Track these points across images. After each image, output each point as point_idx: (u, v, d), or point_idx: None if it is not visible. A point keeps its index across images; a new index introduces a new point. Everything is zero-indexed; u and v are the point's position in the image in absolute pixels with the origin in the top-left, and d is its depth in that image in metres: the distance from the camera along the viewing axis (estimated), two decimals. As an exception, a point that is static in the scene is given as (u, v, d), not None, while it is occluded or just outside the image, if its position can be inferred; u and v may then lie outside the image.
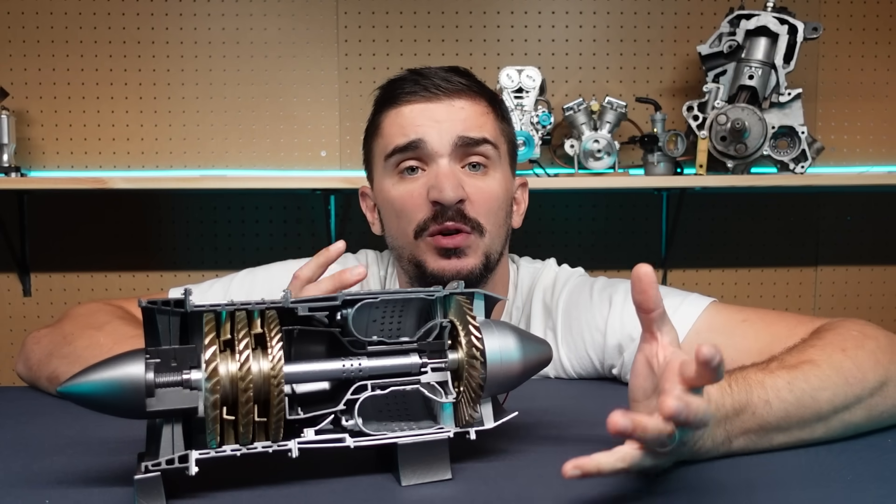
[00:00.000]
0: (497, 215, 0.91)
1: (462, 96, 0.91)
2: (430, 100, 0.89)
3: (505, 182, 0.93)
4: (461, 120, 0.89)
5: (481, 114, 0.91)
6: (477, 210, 0.88)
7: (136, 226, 1.94)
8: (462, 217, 0.87)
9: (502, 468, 0.56)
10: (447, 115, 0.89)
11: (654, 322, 0.54)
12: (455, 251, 0.87)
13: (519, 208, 1.00)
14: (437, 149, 0.88)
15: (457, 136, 0.88)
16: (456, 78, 0.91)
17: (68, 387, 0.50)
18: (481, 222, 0.88)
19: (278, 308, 0.53)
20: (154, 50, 1.90)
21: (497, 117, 0.94)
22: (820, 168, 1.90)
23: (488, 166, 0.91)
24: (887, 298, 2.07)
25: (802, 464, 0.56)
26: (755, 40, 1.71)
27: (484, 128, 0.90)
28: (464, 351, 0.55)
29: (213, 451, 0.49)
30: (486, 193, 0.89)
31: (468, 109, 0.90)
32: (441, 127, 0.88)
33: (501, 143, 0.93)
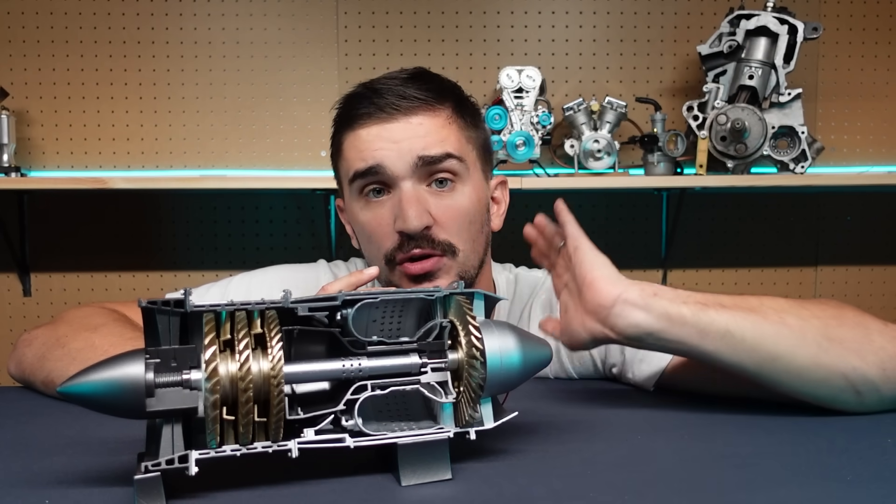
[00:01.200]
0: (469, 230, 0.88)
1: (419, 111, 0.85)
2: (385, 120, 0.85)
3: (476, 192, 0.89)
4: (420, 137, 0.84)
5: (441, 126, 0.86)
6: (447, 231, 0.85)
7: (136, 226, 1.94)
8: (429, 242, 0.84)
9: (502, 468, 0.56)
10: (404, 133, 0.84)
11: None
12: (427, 276, 0.85)
13: (499, 209, 0.97)
14: (397, 172, 0.84)
15: (416, 156, 0.84)
16: (412, 91, 0.86)
17: (68, 387, 0.50)
18: (452, 242, 0.85)
19: (278, 308, 0.53)
20: (154, 50, 1.90)
21: (462, 125, 0.89)
22: (820, 168, 1.91)
23: (455, 181, 0.87)
24: (887, 298, 2.07)
25: (802, 464, 0.56)
26: (755, 40, 1.72)
27: (446, 141, 0.86)
28: (464, 351, 0.55)
29: (213, 451, 0.49)
30: (454, 211, 0.86)
31: (426, 125, 0.85)
32: (400, 147, 0.84)
33: (469, 152, 0.89)
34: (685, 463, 0.56)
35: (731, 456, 0.58)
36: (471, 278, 0.89)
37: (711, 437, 0.63)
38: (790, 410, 0.69)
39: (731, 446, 0.60)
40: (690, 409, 0.72)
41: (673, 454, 0.58)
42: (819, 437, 0.62)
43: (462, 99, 0.92)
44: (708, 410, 0.71)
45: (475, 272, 0.90)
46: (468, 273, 0.88)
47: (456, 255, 0.86)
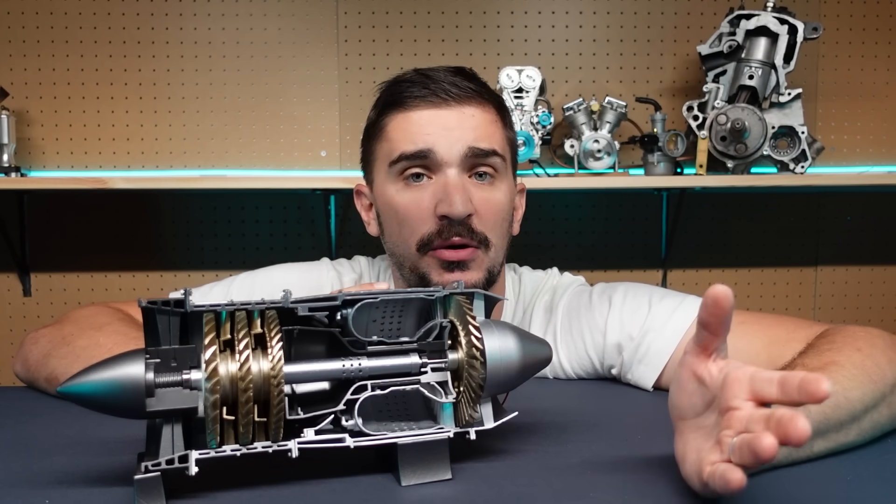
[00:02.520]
0: (502, 227, 0.89)
1: (472, 103, 0.87)
2: (439, 106, 0.86)
3: (509, 192, 0.91)
4: (472, 129, 0.86)
5: (491, 122, 0.88)
6: (484, 223, 0.86)
7: (136, 226, 1.94)
8: (469, 232, 0.85)
9: (502, 468, 0.56)
10: (458, 122, 0.85)
11: (712, 343, 0.50)
12: (459, 264, 0.85)
13: (517, 214, 0.98)
14: (446, 158, 0.85)
15: (467, 146, 0.85)
16: (465, 83, 0.88)
17: (68, 387, 0.50)
18: (488, 236, 0.86)
19: (278, 308, 0.53)
20: (154, 50, 1.90)
21: (504, 125, 0.92)
22: (820, 168, 1.90)
23: (495, 177, 0.88)
24: (887, 298, 2.07)
25: (803, 464, 0.56)
26: (755, 40, 1.72)
27: (493, 138, 0.88)
28: (464, 351, 0.55)
29: (213, 451, 0.49)
30: (493, 206, 0.87)
31: (479, 118, 0.87)
32: (451, 135, 0.85)
33: (507, 153, 0.91)
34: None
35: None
36: (495, 276, 0.89)
37: (711, 437, 0.63)
38: (790, 410, 0.69)
39: (731, 446, 0.60)
40: (690, 409, 0.72)
41: (673, 454, 0.58)
42: (819, 437, 0.62)
43: (502, 101, 0.94)
44: (708, 410, 0.71)
45: (498, 271, 0.90)
46: (495, 269, 0.89)
47: (489, 248, 0.87)
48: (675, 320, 0.84)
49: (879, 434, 0.63)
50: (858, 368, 0.62)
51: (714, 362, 0.50)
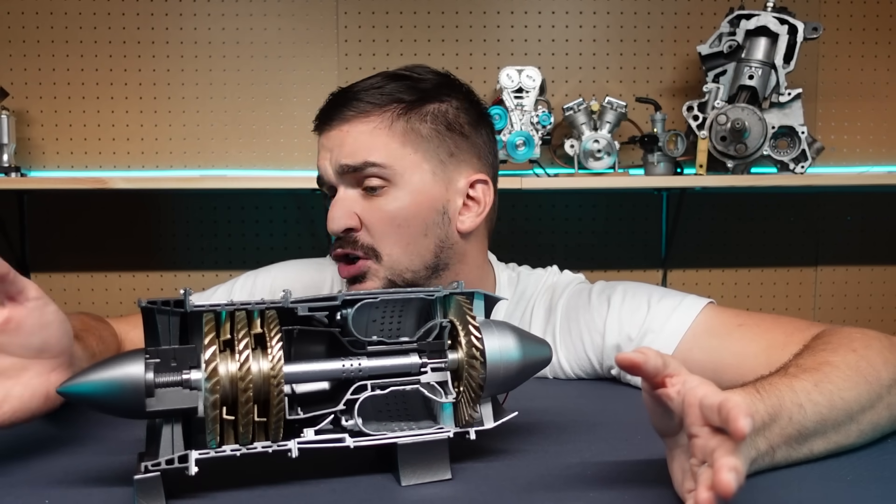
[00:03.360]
0: (398, 234, 0.87)
1: (352, 119, 0.88)
2: (326, 129, 0.90)
3: (416, 195, 0.87)
4: (342, 146, 0.87)
5: (368, 133, 0.86)
6: (372, 234, 0.87)
7: (136, 226, 1.94)
8: (352, 244, 0.87)
9: (502, 468, 0.56)
10: (335, 142, 0.89)
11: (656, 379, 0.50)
12: (355, 277, 0.88)
13: (477, 208, 0.92)
14: (330, 180, 0.89)
15: (337, 164, 0.87)
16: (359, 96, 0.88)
17: (68, 387, 0.50)
18: (375, 246, 0.87)
19: (278, 308, 0.53)
20: (154, 50, 1.90)
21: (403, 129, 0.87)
22: (820, 168, 1.90)
23: (387, 186, 0.86)
24: (887, 298, 2.07)
25: (803, 464, 0.56)
26: (755, 40, 1.72)
27: (370, 149, 0.86)
28: (464, 351, 0.55)
29: (213, 451, 0.49)
30: (379, 215, 0.86)
31: (353, 132, 0.87)
32: (331, 156, 0.89)
33: (405, 156, 0.86)
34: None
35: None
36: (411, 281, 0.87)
37: (711, 437, 0.63)
38: (790, 410, 0.69)
39: (731, 446, 0.60)
40: (690, 409, 0.72)
41: (673, 454, 0.58)
42: (819, 437, 0.62)
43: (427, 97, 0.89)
44: (708, 410, 0.71)
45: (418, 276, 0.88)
46: (402, 276, 0.87)
47: (380, 259, 0.87)
48: (674, 321, 0.84)
49: (880, 435, 0.63)
50: (853, 369, 0.62)
51: (671, 385, 0.50)
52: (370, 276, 0.87)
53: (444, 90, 0.91)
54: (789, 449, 0.56)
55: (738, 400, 0.44)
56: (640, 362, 0.49)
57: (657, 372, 0.50)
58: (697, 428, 0.47)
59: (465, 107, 0.92)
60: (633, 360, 0.49)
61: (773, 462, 0.55)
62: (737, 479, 0.42)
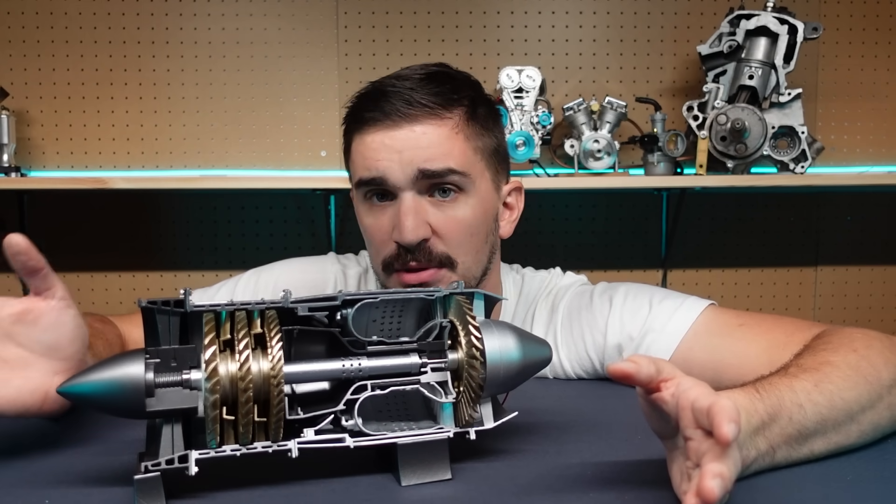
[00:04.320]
0: (471, 242, 0.85)
1: (424, 120, 0.82)
2: (390, 127, 0.82)
3: (481, 203, 0.86)
4: (422, 148, 0.81)
5: (446, 138, 0.83)
6: (446, 243, 0.83)
7: (136, 226, 1.94)
8: (427, 255, 0.83)
9: (502, 468, 0.56)
10: (407, 143, 0.82)
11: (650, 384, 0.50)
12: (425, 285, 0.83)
13: (512, 214, 0.95)
14: (398, 183, 0.82)
15: (417, 169, 0.81)
16: (420, 96, 0.82)
17: (68, 387, 0.50)
18: (451, 255, 0.84)
19: (278, 308, 0.53)
20: (154, 50, 1.90)
21: (471, 133, 0.85)
22: (820, 168, 1.90)
23: (458, 192, 0.84)
24: (887, 298, 2.07)
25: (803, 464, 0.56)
26: (755, 40, 1.72)
27: (449, 155, 0.82)
28: (464, 351, 0.55)
29: (213, 451, 0.49)
30: (454, 223, 0.84)
31: (431, 135, 0.82)
32: (402, 158, 0.81)
33: (475, 163, 0.85)
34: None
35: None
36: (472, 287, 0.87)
37: (711, 437, 0.63)
38: (790, 410, 0.69)
39: (731, 446, 0.60)
40: (690, 409, 0.72)
41: (673, 454, 0.58)
42: (819, 437, 0.62)
43: (477, 101, 0.88)
44: (708, 410, 0.71)
45: (477, 282, 0.88)
46: (469, 284, 0.86)
47: (455, 267, 0.84)
48: (675, 321, 0.84)
49: (880, 436, 0.63)
50: (853, 369, 0.62)
51: (666, 389, 0.49)
52: (441, 284, 0.83)
53: (479, 90, 0.90)
54: (789, 449, 0.55)
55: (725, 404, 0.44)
56: (632, 372, 0.48)
57: (650, 378, 0.49)
58: (691, 431, 0.46)
59: (491, 107, 0.92)
60: (625, 370, 0.48)
61: (774, 462, 0.55)
62: (721, 486, 0.42)
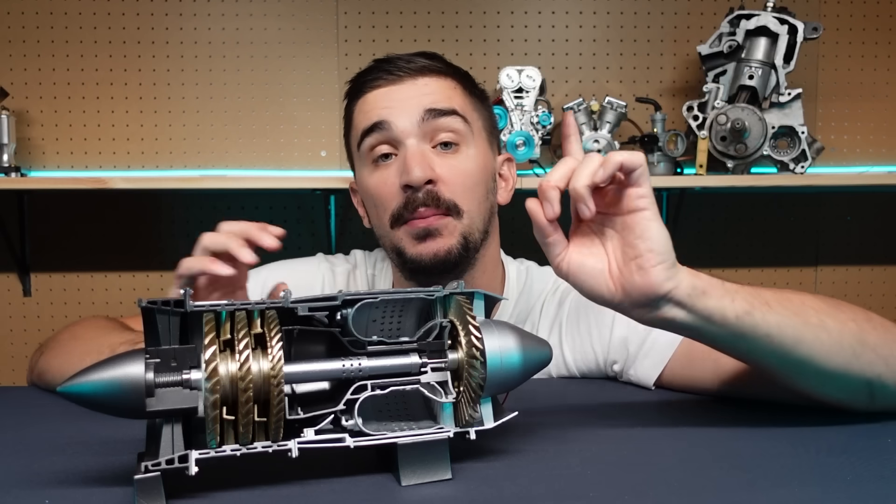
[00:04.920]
0: (474, 192, 0.87)
1: (426, 74, 0.88)
2: (393, 82, 0.88)
3: (481, 158, 0.90)
4: (427, 94, 0.87)
5: (449, 88, 0.89)
6: (451, 190, 0.85)
7: (137, 226, 1.94)
8: (435, 200, 0.84)
9: (502, 468, 0.56)
10: (412, 92, 0.87)
11: None
12: (429, 232, 0.84)
13: (507, 184, 0.97)
14: (403, 128, 0.85)
15: (424, 109, 0.85)
16: (421, 59, 0.89)
17: (68, 387, 0.49)
18: (457, 202, 0.85)
19: (278, 308, 0.53)
20: (154, 50, 1.90)
21: (467, 92, 0.91)
22: (820, 168, 1.90)
23: (460, 143, 0.87)
24: (887, 298, 2.07)
25: (802, 464, 0.56)
26: (755, 40, 1.72)
27: (452, 100, 0.88)
28: (464, 351, 0.55)
29: (213, 451, 0.49)
30: (459, 171, 0.86)
31: (433, 84, 0.88)
32: (407, 104, 0.86)
33: (474, 119, 0.90)
34: (685, 463, 0.56)
35: (732, 456, 0.58)
36: (476, 244, 0.88)
37: (711, 438, 0.63)
38: (791, 411, 0.69)
39: (731, 446, 0.60)
40: (690, 409, 0.72)
41: (673, 454, 0.58)
42: (819, 437, 0.62)
43: (467, 75, 0.94)
44: (708, 410, 0.71)
45: (480, 238, 0.89)
46: (472, 238, 0.87)
47: (461, 215, 0.86)
48: None
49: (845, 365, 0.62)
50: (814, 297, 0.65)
51: None
52: (447, 232, 0.85)
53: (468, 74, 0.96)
54: (747, 302, 0.61)
55: None
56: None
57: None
58: None
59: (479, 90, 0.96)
60: None
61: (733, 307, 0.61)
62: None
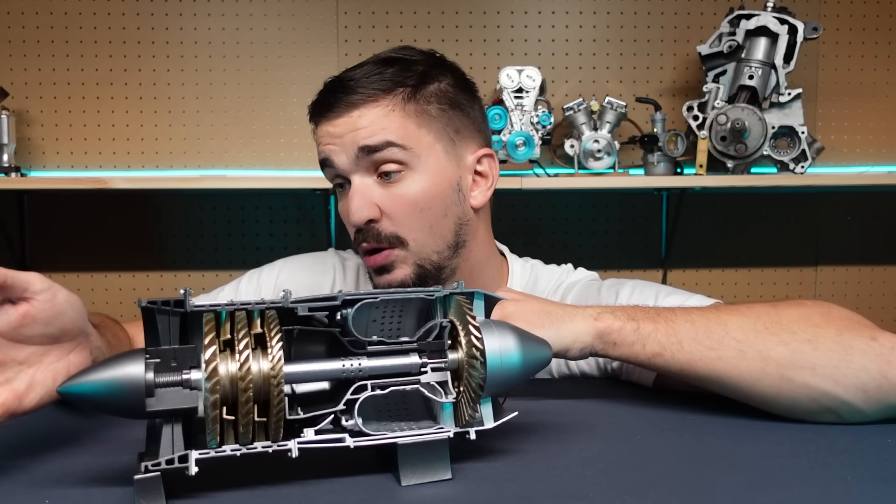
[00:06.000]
0: (421, 218, 0.86)
1: (360, 105, 0.85)
2: (329, 118, 0.87)
3: (431, 178, 0.87)
4: (360, 128, 0.85)
5: (382, 116, 0.85)
6: (395, 223, 0.85)
7: (137, 226, 1.94)
8: (375, 236, 0.85)
9: (502, 468, 0.56)
10: (346, 128, 0.85)
11: None
12: (383, 267, 0.86)
13: (487, 181, 0.93)
14: (344, 167, 0.86)
15: (357, 147, 0.84)
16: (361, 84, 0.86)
17: (68, 387, 0.49)
18: (399, 234, 0.86)
19: (278, 308, 0.53)
20: (154, 50, 1.90)
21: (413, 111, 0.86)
22: (820, 168, 1.91)
23: (403, 169, 0.86)
24: (887, 298, 2.07)
25: (803, 464, 0.56)
26: (755, 40, 1.72)
27: (387, 130, 0.85)
28: (464, 351, 0.55)
29: (213, 451, 0.49)
30: (401, 201, 0.85)
31: (367, 116, 0.85)
32: (343, 142, 0.85)
33: (419, 137, 0.86)
34: (685, 463, 0.56)
35: (732, 456, 0.58)
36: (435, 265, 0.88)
37: (712, 438, 0.63)
38: (790, 410, 0.69)
39: (731, 446, 0.60)
40: (690, 409, 0.72)
41: (673, 454, 0.58)
42: (819, 437, 0.62)
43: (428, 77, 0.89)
44: (708, 410, 0.71)
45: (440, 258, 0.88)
46: (427, 261, 0.87)
47: (406, 245, 0.86)
48: None
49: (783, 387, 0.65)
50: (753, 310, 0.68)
51: None
52: (398, 264, 0.86)
53: (437, 69, 0.91)
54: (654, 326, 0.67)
55: None
56: None
57: None
58: None
59: (458, 83, 0.92)
60: None
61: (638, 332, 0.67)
62: None
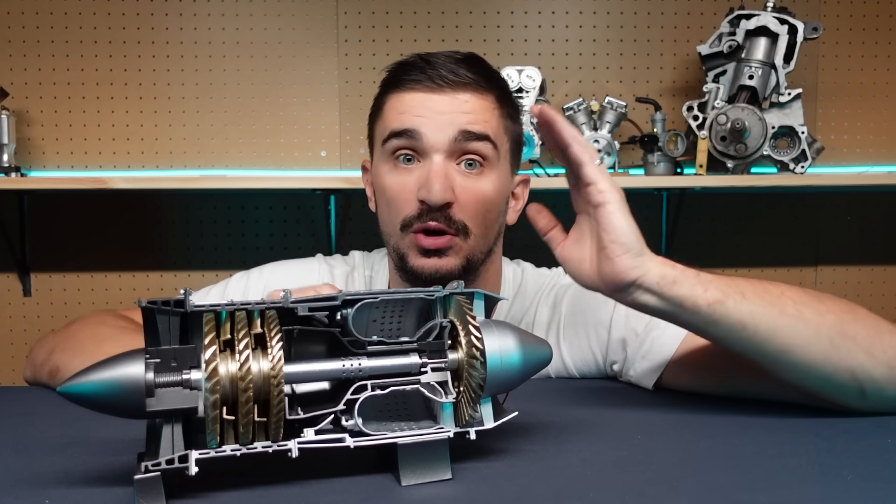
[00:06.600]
0: (486, 217, 0.88)
1: (467, 90, 0.86)
2: (433, 90, 0.86)
3: (500, 182, 0.90)
4: (464, 113, 0.86)
5: (486, 109, 0.88)
6: (465, 213, 0.86)
7: (137, 226, 1.94)
8: (447, 219, 0.85)
9: (502, 468, 0.56)
10: (449, 107, 0.86)
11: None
12: (436, 251, 0.86)
13: (517, 204, 0.98)
14: (433, 143, 0.85)
15: (458, 129, 0.85)
16: (464, 71, 0.87)
17: (68, 387, 0.50)
18: (467, 225, 0.86)
19: (278, 308, 0.53)
20: (154, 50, 1.90)
21: (503, 114, 0.90)
22: (820, 168, 1.91)
23: (484, 166, 0.88)
24: (887, 298, 2.07)
25: (803, 464, 0.56)
26: (755, 40, 1.72)
27: (488, 124, 0.87)
28: (464, 351, 0.55)
29: (213, 451, 0.49)
30: (476, 195, 0.86)
31: (472, 103, 0.86)
32: (441, 119, 0.85)
33: (503, 143, 0.90)
34: (685, 463, 0.56)
35: (732, 456, 0.58)
36: (476, 263, 0.89)
37: (711, 437, 0.63)
38: (791, 411, 0.69)
39: (731, 446, 0.60)
40: (690, 409, 0.72)
41: (673, 454, 0.58)
42: (819, 437, 0.62)
43: (507, 91, 0.94)
44: (708, 410, 0.71)
45: (482, 258, 0.90)
46: (475, 257, 0.88)
47: (468, 237, 0.86)
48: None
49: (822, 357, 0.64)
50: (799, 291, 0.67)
51: None
52: (453, 252, 0.86)
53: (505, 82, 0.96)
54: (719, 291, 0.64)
55: None
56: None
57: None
58: None
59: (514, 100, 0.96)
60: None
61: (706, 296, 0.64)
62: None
